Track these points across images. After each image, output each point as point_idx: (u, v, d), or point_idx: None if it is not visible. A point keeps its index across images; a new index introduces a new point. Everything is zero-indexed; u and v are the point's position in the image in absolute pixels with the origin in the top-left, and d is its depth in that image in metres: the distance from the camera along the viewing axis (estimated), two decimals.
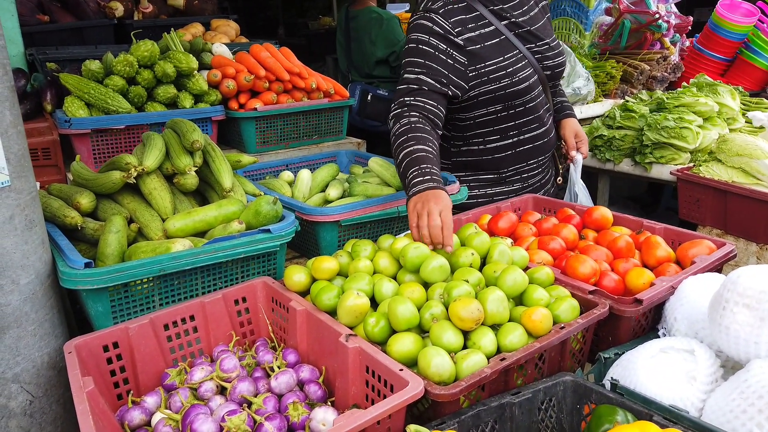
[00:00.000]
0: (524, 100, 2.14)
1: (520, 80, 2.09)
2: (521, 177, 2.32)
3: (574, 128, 2.37)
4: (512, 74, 2.08)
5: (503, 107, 2.14)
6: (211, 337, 1.53)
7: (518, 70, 2.10)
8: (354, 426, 1.02)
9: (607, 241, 1.73)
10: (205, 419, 1.14)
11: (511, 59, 2.09)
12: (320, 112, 2.96)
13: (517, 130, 2.20)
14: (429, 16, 2.06)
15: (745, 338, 1.14)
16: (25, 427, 1.38)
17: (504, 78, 2.08)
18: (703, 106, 3.09)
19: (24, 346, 1.36)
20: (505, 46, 2.09)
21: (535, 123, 2.22)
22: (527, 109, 2.17)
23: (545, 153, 2.33)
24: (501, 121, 2.18)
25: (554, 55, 2.22)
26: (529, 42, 2.15)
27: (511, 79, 2.08)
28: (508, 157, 2.25)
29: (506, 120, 2.18)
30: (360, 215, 1.91)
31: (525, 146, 2.24)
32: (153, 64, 2.55)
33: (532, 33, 2.16)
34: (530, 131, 2.22)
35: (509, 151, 2.23)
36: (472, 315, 1.24)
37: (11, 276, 1.31)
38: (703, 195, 2.72)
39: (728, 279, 1.19)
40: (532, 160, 2.29)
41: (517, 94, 2.11)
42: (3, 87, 1.28)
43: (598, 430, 1.08)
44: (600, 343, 1.47)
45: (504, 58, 2.08)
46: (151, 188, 1.77)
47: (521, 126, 2.20)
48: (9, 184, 1.29)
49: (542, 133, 2.26)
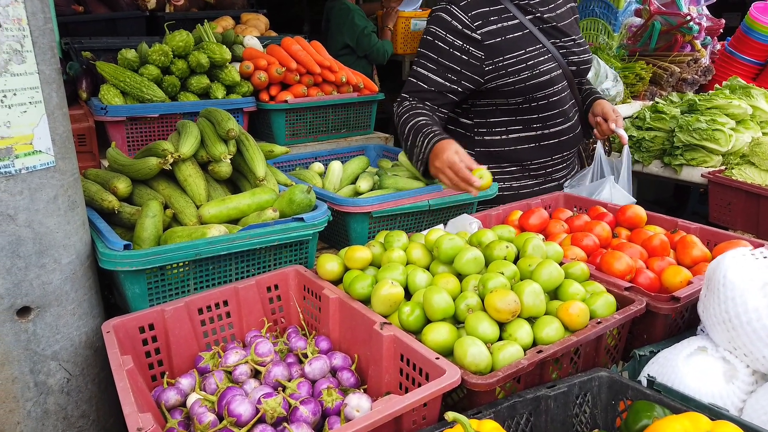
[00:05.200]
0: (546, 93, 2.15)
1: (540, 73, 2.10)
2: (545, 171, 2.31)
3: (609, 105, 2.29)
4: (532, 67, 2.09)
5: (524, 99, 2.15)
6: (244, 323, 1.54)
7: (539, 64, 2.10)
8: (392, 411, 1.03)
9: (642, 240, 1.71)
10: (242, 400, 1.15)
11: (533, 53, 2.10)
12: (349, 106, 2.97)
13: (541, 123, 2.21)
14: (449, 9, 2.10)
15: None
16: (62, 404, 1.40)
17: (524, 71, 2.09)
18: (736, 109, 3.05)
19: (63, 324, 1.38)
20: (527, 40, 2.11)
21: (560, 117, 2.22)
22: (551, 102, 2.17)
23: (571, 148, 2.33)
24: (523, 113, 2.19)
25: (580, 52, 2.23)
26: (554, 37, 2.17)
27: (531, 72, 2.09)
28: (533, 150, 2.25)
29: (528, 112, 2.19)
30: (392, 207, 1.91)
31: (550, 140, 2.25)
32: (187, 55, 2.58)
33: (557, 29, 2.17)
34: (555, 126, 2.22)
35: (533, 143, 2.24)
36: (508, 306, 1.24)
37: (53, 255, 1.34)
38: (735, 198, 2.68)
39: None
40: (557, 155, 2.29)
41: (539, 87, 2.12)
42: (50, 69, 1.31)
43: (636, 425, 1.07)
44: (634, 341, 1.46)
45: (526, 51, 2.10)
46: (186, 175, 1.79)
47: (546, 120, 2.20)
48: (54, 165, 1.31)
49: (568, 128, 2.26)
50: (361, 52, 4.74)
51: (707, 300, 1.26)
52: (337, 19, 4.75)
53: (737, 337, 1.18)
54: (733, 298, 1.17)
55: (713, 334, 1.25)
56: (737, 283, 1.17)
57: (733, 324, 1.18)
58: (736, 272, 1.19)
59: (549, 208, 2.10)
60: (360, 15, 4.70)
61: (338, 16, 4.72)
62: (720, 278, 1.21)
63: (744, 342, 1.17)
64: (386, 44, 4.83)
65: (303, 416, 1.15)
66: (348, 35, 4.67)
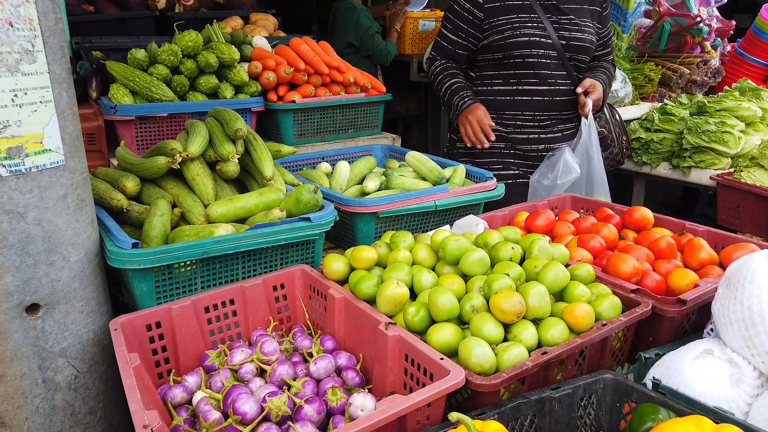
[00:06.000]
0: (522, 53, 2.51)
1: (520, 34, 2.48)
2: (515, 123, 2.64)
3: (591, 81, 2.57)
4: (515, 29, 2.49)
5: (504, 56, 2.55)
6: (250, 322, 1.55)
7: (523, 27, 2.48)
8: (397, 411, 1.03)
9: (648, 242, 1.71)
10: (247, 399, 1.16)
11: (523, 18, 2.49)
12: (357, 107, 2.97)
13: (516, 80, 2.59)
14: None
15: None
16: (69, 401, 1.42)
17: (507, 30, 2.50)
18: (746, 111, 3.03)
19: (71, 321, 1.39)
20: (524, 9, 2.50)
21: (534, 78, 2.56)
22: (526, 62, 2.53)
23: (545, 111, 2.62)
24: (503, 68, 2.59)
25: (574, 30, 2.54)
26: (551, 13, 2.52)
27: (513, 32, 2.49)
28: (507, 102, 2.63)
29: (507, 68, 2.58)
30: (398, 207, 1.92)
31: (522, 96, 2.60)
32: (196, 54, 2.59)
33: (557, 7, 2.52)
34: (528, 84, 2.57)
35: (507, 96, 2.63)
36: (513, 308, 1.24)
37: (62, 253, 1.35)
38: (744, 201, 2.66)
39: None
40: (528, 112, 2.62)
41: (515, 46, 2.50)
42: (61, 69, 1.32)
43: (641, 427, 1.07)
44: (640, 344, 1.45)
45: (518, 16, 2.50)
46: (195, 174, 1.81)
47: (520, 77, 2.58)
48: (64, 164, 1.33)
49: (542, 91, 2.58)
50: (364, 52, 4.79)
51: (724, 298, 1.25)
52: (343, 18, 4.79)
53: (756, 336, 1.17)
54: (759, 295, 1.17)
55: (725, 334, 1.24)
56: (766, 281, 1.17)
57: (753, 322, 1.17)
58: (766, 270, 1.19)
59: (556, 210, 2.09)
60: (366, 15, 4.74)
61: (344, 15, 4.77)
62: (747, 275, 1.20)
63: (762, 340, 1.16)
64: (390, 46, 4.84)
65: (308, 415, 1.16)
66: (352, 34, 4.72)
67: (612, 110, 2.94)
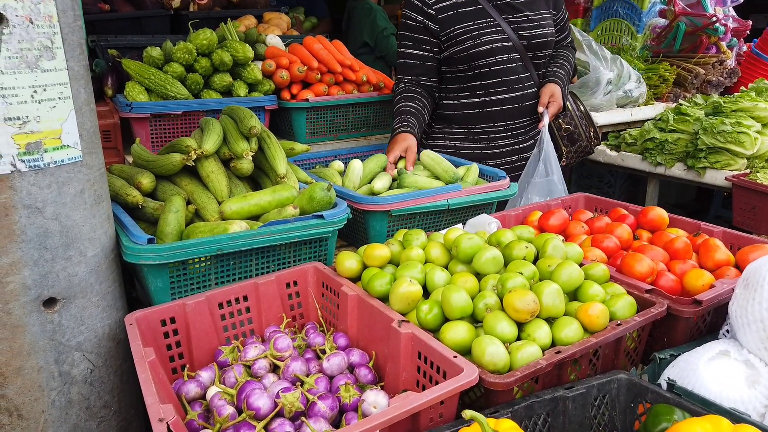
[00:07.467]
0: (488, 62, 2.40)
1: (482, 43, 2.37)
2: (488, 137, 2.55)
3: (551, 89, 2.49)
4: (476, 38, 2.36)
5: (469, 67, 2.43)
6: (263, 318, 1.56)
7: (483, 35, 2.37)
8: (410, 408, 1.03)
9: (663, 242, 1.69)
10: (260, 394, 1.16)
11: (480, 24, 2.37)
12: (369, 105, 2.98)
13: (484, 91, 2.47)
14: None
15: None
16: (85, 394, 1.43)
17: (468, 40, 2.37)
18: (762, 111, 3.00)
19: (88, 316, 1.41)
20: (478, 13, 2.38)
21: (502, 87, 2.45)
22: (493, 71, 2.42)
23: (516, 118, 2.52)
24: (469, 80, 2.47)
25: (531, 27, 2.42)
26: (506, 12, 2.40)
27: (474, 42, 2.37)
28: (476, 115, 2.52)
29: (473, 79, 2.46)
30: (411, 206, 1.92)
31: (493, 108, 2.49)
32: (210, 53, 2.61)
33: (510, 5, 2.41)
34: (497, 94, 2.47)
35: (477, 110, 2.51)
36: (527, 306, 1.23)
37: (79, 248, 1.36)
38: (760, 202, 2.64)
39: None
40: (500, 123, 2.52)
41: (480, 56, 2.39)
42: (79, 66, 1.33)
43: (656, 428, 1.06)
44: (654, 344, 1.44)
45: (474, 23, 2.38)
46: (209, 171, 1.82)
47: (488, 87, 2.46)
48: (81, 159, 1.34)
49: (511, 99, 2.48)
50: (379, 53, 4.79)
51: (742, 299, 1.24)
52: (359, 17, 4.79)
53: None
54: None
55: (743, 335, 1.23)
56: None
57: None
58: None
59: (569, 209, 2.09)
60: (382, 16, 4.74)
61: (361, 14, 4.77)
62: (766, 276, 1.20)
63: None
64: None
65: (321, 411, 1.17)
66: (368, 34, 4.72)
67: (576, 101, 2.78)
